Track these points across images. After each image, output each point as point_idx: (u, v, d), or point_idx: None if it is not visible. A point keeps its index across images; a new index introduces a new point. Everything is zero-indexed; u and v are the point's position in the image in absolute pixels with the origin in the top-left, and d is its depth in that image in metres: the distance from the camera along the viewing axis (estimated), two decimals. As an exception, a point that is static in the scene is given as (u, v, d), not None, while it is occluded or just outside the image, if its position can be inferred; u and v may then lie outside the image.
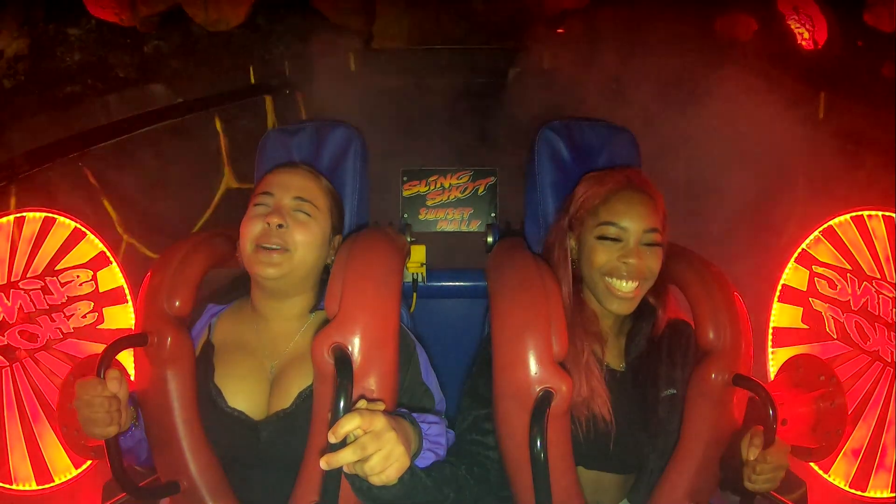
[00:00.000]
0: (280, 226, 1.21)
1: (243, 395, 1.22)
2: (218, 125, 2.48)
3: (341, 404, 0.94)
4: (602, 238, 1.27)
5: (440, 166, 2.12)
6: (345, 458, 0.89)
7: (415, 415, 1.12)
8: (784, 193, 1.94)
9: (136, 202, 2.21)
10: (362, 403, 0.98)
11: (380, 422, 0.93)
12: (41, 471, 1.59)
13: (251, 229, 1.22)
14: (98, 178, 2.04)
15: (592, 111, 2.25)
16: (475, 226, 2.12)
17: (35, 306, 1.61)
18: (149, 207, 2.25)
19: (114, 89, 2.19)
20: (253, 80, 2.70)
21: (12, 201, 1.79)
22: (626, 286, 1.26)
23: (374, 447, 0.91)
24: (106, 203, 2.10)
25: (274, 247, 1.20)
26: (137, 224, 2.20)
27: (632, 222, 1.25)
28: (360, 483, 0.97)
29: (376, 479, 0.93)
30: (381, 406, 1.00)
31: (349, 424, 0.90)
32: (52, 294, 1.63)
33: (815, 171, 1.90)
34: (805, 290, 1.69)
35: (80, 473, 1.63)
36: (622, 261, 1.25)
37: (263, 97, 2.62)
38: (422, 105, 2.57)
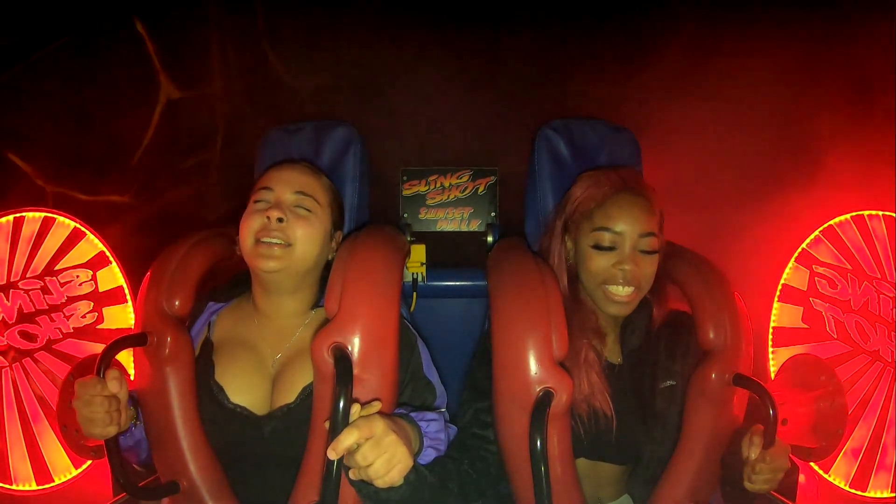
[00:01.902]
0: (280, 220, 1.21)
1: (245, 391, 1.22)
2: (139, 27, 1.96)
3: (340, 405, 0.94)
4: (597, 241, 1.27)
5: (440, 166, 2.13)
6: (352, 474, 0.92)
7: (413, 413, 1.12)
8: (784, 193, 1.94)
9: (50, 144, 1.79)
10: (356, 409, 0.98)
11: (379, 426, 0.94)
12: (41, 471, 1.59)
13: (251, 224, 1.22)
14: None
15: (593, 106, 2.26)
16: (475, 225, 2.12)
17: (35, 306, 1.60)
18: (72, 145, 1.83)
19: None
20: None
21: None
22: (622, 291, 1.26)
23: (376, 453, 0.92)
24: (11, 156, 1.70)
25: (275, 241, 1.20)
26: (60, 169, 1.81)
27: (627, 226, 1.25)
28: (366, 489, 0.97)
29: (381, 483, 0.93)
30: (378, 407, 1.00)
31: (348, 440, 0.91)
32: (52, 294, 1.63)
33: (816, 171, 1.90)
34: (805, 289, 1.69)
35: (80, 473, 1.63)
36: (618, 267, 1.25)
37: None
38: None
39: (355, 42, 2.20)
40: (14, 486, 1.57)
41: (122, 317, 1.71)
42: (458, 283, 1.92)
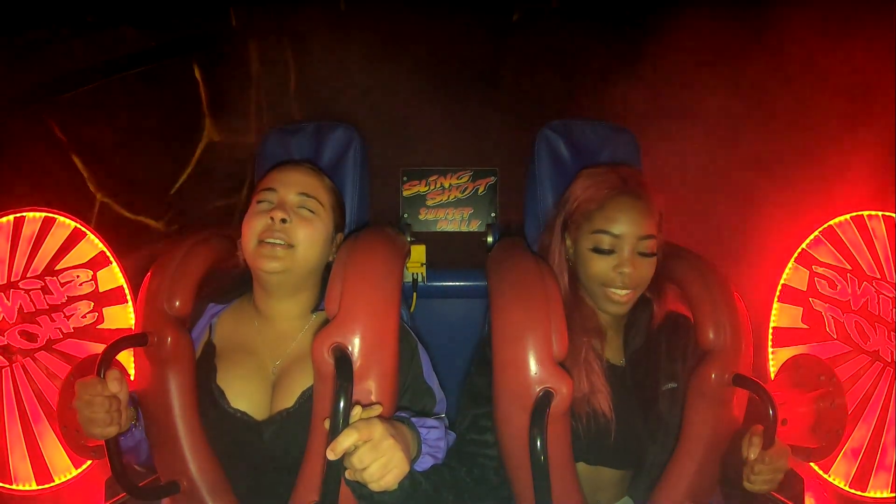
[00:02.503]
0: (284, 221, 1.21)
1: (245, 396, 1.22)
2: (196, 72, 2.18)
3: (340, 405, 0.94)
4: (597, 244, 1.27)
5: (440, 166, 2.13)
6: (348, 475, 0.92)
7: (414, 419, 1.12)
8: (784, 193, 1.94)
9: (107, 157, 1.94)
10: (357, 411, 0.98)
11: (377, 430, 0.94)
12: (41, 471, 1.59)
13: (254, 225, 1.22)
14: (64, 130, 1.82)
15: (593, 106, 2.26)
16: (475, 226, 2.12)
17: (35, 306, 1.60)
18: (122, 163, 1.99)
19: (81, 34, 1.83)
20: (234, 23, 2.35)
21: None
22: (621, 292, 1.26)
23: (373, 457, 0.92)
24: (75, 158, 1.86)
25: (277, 241, 1.20)
26: (110, 181, 1.96)
27: (626, 229, 1.25)
28: (360, 489, 0.98)
29: (376, 486, 0.93)
30: (378, 410, 1.00)
31: (347, 441, 0.91)
32: (52, 294, 1.63)
33: (816, 171, 1.90)
34: (805, 290, 1.69)
35: (80, 473, 1.63)
36: (617, 271, 1.25)
37: (247, 42, 2.34)
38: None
39: (355, 42, 2.21)
40: (14, 486, 1.57)
41: (123, 317, 1.71)
42: (458, 284, 1.92)
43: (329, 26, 2.38)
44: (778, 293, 1.74)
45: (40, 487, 1.59)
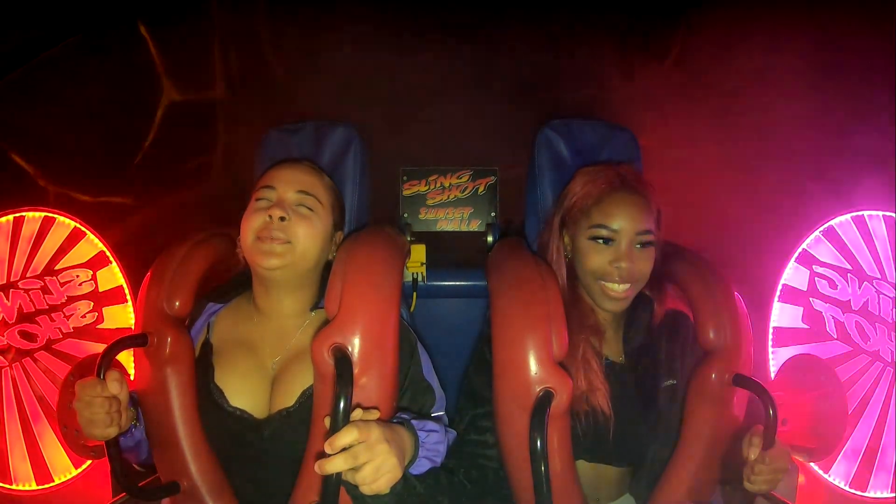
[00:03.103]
0: (282, 218, 1.21)
1: (245, 394, 1.22)
2: (142, 30, 1.96)
3: (341, 406, 0.94)
4: (594, 238, 1.27)
5: (440, 166, 2.13)
6: (336, 465, 0.91)
7: (414, 422, 1.12)
8: (784, 193, 1.94)
9: (53, 146, 1.78)
10: (357, 412, 0.98)
11: (374, 433, 0.94)
12: (41, 471, 1.59)
13: (253, 222, 1.22)
14: None
15: (594, 106, 2.25)
16: (475, 225, 2.12)
17: (35, 306, 1.60)
18: (72, 147, 1.82)
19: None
20: None
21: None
22: (618, 287, 1.26)
23: (366, 457, 0.92)
24: (15, 157, 1.72)
25: (276, 238, 1.20)
26: (62, 170, 1.81)
27: (624, 223, 1.25)
28: (353, 490, 0.98)
29: (367, 490, 0.94)
30: (376, 414, 1.00)
31: (346, 438, 0.92)
32: (52, 294, 1.63)
33: (816, 170, 1.90)
34: (805, 289, 1.69)
35: (80, 473, 1.63)
36: (614, 265, 1.25)
37: None
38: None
39: (356, 42, 2.20)
40: (14, 486, 1.57)
41: (122, 317, 1.71)
42: (458, 283, 1.92)
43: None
44: (778, 293, 1.74)
45: (40, 487, 1.59)
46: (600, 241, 1.26)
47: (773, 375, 1.70)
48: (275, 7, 2.19)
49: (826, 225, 1.67)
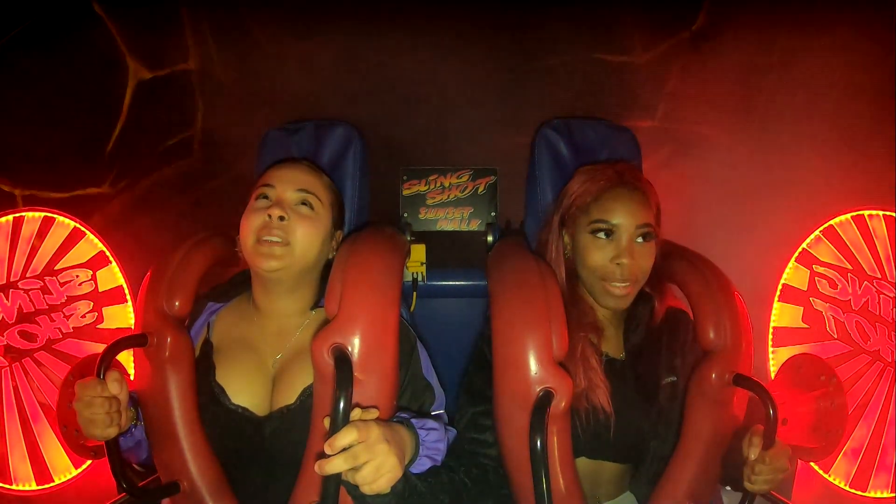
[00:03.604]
0: (282, 218, 1.21)
1: (246, 392, 1.22)
2: (95, 7, 1.83)
3: (340, 406, 0.94)
4: (595, 233, 1.27)
5: (440, 166, 2.13)
6: (336, 466, 0.91)
7: (414, 421, 1.12)
8: (784, 193, 1.94)
9: (12, 145, 1.70)
10: (357, 412, 0.98)
11: (373, 433, 0.94)
12: (41, 471, 1.59)
13: (252, 222, 1.22)
14: None
15: (594, 106, 2.25)
16: (475, 225, 2.12)
17: (35, 306, 1.60)
18: (33, 144, 1.73)
19: None
20: None
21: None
22: (621, 285, 1.26)
23: (366, 457, 0.92)
24: None
25: (275, 239, 1.20)
26: (26, 170, 1.74)
27: (623, 219, 1.26)
28: (354, 490, 0.98)
29: (368, 490, 0.94)
30: (375, 414, 1.00)
31: (346, 438, 0.92)
32: (52, 294, 1.63)
33: (816, 170, 1.90)
34: (805, 289, 1.69)
35: (80, 473, 1.63)
36: (616, 262, 1.25)
37: None
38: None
39: (356, 42, 2.20)
40: (14, 486, 1.57)
41: (122, 316, 1.72)
42: (458, 283, 1.92)
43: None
44: (778, 293, 1.74)
45: (40, 487, 1.59)
46: (600, 234, 1.27)
47: (773, 375, 1.70)
48: None
49: (826, 224, 1.67)
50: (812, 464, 1.61)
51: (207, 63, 2.06)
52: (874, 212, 1.61)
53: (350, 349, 1.09)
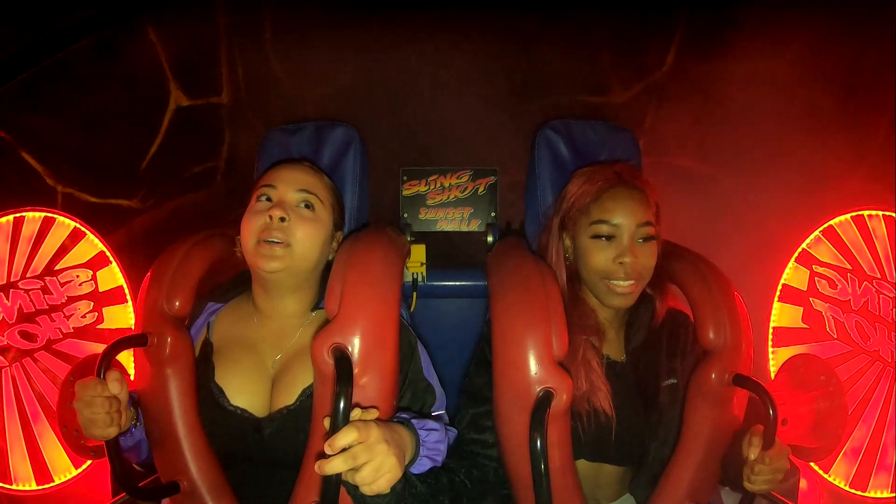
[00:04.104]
0: (282, 219, 1.21)
1: (245, 393, 1.22)
2: (151, 34, 1.97)
3: (340, 406, 0.94)
4: (596, 237, 1.27)
5: (440, 166, 2.13)
6: (336, 466, 0.91)
7: (415, 421, 1.12)
8: (784, 193, 1.94)
9: (62, 146, 1.80)
10: (356, 413, 0.98)
11: (373, 433, 0.94)
12: (41, 471, 1.59)
13: (253, 223, 1.22)
14: (7, 128, 1.68)
15: (594, 106, 2.26)
16: (475, 225, 2.12)
17: (35, 306, 1.60)
18: (81, 148, 1.84)
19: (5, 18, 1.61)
20: None
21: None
22: (624, 283, 1.26)
23: (365, 457, 0.92)
24: (25, 155, 1.72)
25: (276, 240, 1.20)
26: (70, 170, 1.82)
27: (624, 218, 1.26)
28: (354, 490, 0.98)
29: (368, 490, 0.94)
30: (375, 414, 1.00)
31: (346, 438, 0.92)
32: (52, 294, 1.63)
33: (816, 170, 1.90)
34: (805, 289, 1.69)
35: (80, 473, 1.63)
36: (618, 261, 1.25)
37: None
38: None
39: (356, 43, 2.20)
40: (14, 486, 1.57)
41: (122, 317, 1.72)
42: (458, 283, 1.92)
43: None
44: (778, 293, 1.74)
45: (40, 487, 1.59)
46: (602, 238, 1.27)
47: (773, 375, 1.70)
48: (278, 15, 2.21)
49: (826, 225, 1.67)
50: (812, 464, 1.61)
51: (236, 99, 2.22)
52: (874, 212, 1.61)
53: (350, 349, 1.10)
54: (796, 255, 1.71)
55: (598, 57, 2.23)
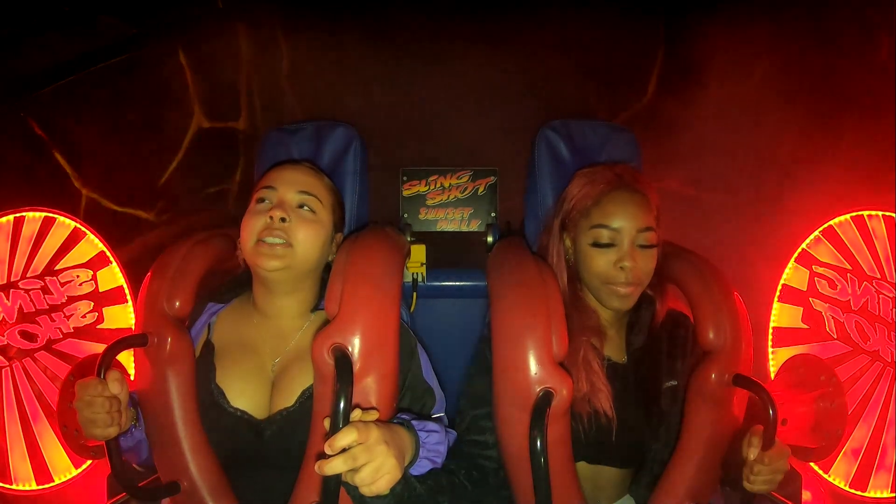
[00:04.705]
0: (283, 220, 1.21)
1: (245, 395, 1.22)
2: (182, 58, 2.11)
3: (340, 406, 0.95)
4: (596, 244, 1.27)
5: (440, 166, 2.13)
6: (336, 467, 0.91)
7: (415, 422, 1.12)
8: (784, 193, 1.94)
9: (91, 151, 1.88)
10: (356, 413, 0.98)
11: (373, 434, 0.94)
12: (41, 471, 1.59)
13: (254, 224, 1.22)
14: (45, 127, 1.76)
15: (594, 106, 2.26)
16: (475, 225, 2.12)
17: (35, 306, 1.60)
18: (108, 156, 1.92)
19: (57, 26, 1.74)
20: (220, 4, 2.26)
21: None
22: (624, 287, 1.26)
23: (365, 458, 0.92)
24: (57, 155, 1.81)
25: (277, 241, 1.20)
26: (96, 176, 1.90)
27: (625, 222, 1.25)
28: (354, 491, 0.98)
29: (367, 491, 0.94)
30: (375, 415, 1.00)
31: (346, 439, 0.92)
32: (52, 294, 1.63)
33: (815, 170, 1.90)
34: (805, 289, 1.69)
35: (80, 473, 1.63)
36: (619, 266, 1.25)
37: (235, 24, 2.28)
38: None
39: (358, 44, 2.21)
40: (14, 486, 1.57)
41: (123, 317, 1.71)
42: (458, 283, 1.92)
43: (323, 13, 2.33)
44: (778, 293, 1.73)
45: (40, 487, 1.59)
46: (602, 241, 1.26)
47: (772, 375, 1.70)
48: (295, 53, 2.37)
49: (826, 225, 1.67)
50: (812, 464, 1.60)
51: (252, 125, 2.33)
52: (874, 212, 1.61)
53: (350, 349, 1.10)
54: (796, 255, 1.71)
55: (599, 52, 2.25)
